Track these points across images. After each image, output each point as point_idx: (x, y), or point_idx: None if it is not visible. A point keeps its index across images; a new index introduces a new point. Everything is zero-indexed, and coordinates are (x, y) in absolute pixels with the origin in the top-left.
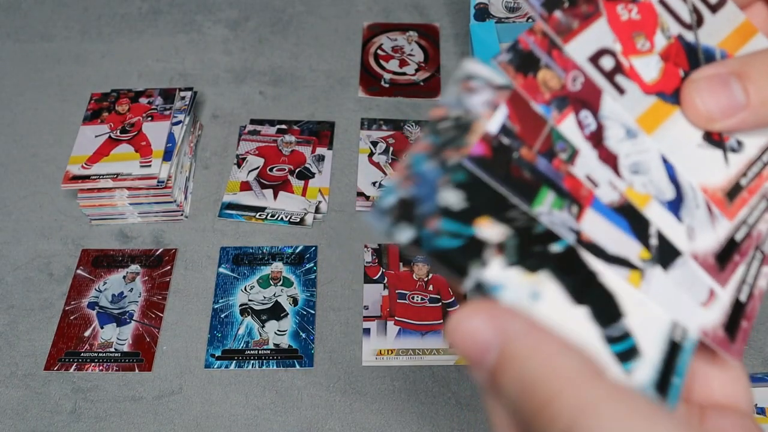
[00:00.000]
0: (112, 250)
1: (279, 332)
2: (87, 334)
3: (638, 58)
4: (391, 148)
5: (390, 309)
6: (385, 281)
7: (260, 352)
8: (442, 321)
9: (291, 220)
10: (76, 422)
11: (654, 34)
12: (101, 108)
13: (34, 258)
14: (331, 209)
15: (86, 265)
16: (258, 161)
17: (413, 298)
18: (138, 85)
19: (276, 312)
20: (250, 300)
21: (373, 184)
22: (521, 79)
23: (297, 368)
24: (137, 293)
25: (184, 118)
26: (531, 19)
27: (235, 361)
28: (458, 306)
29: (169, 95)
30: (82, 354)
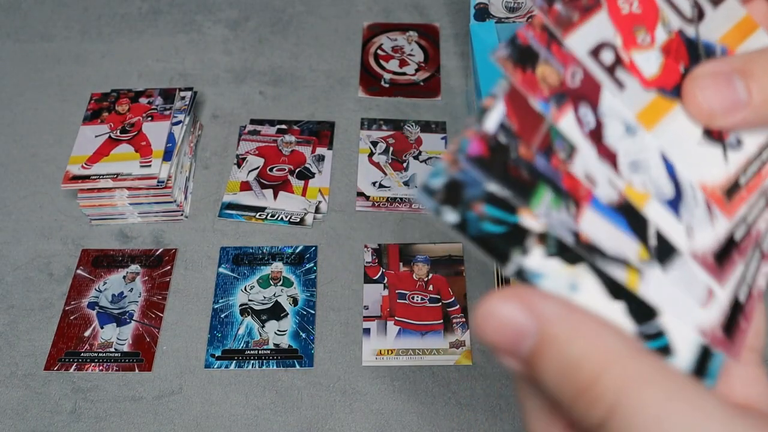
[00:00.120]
0: (112, 250)
1: (279, 332)
2: (87, 334)
3: (639, 53)
4: (391, 148)
5: (390, 309)
6: (385, 281)
7: (260, 352)
8: (442, 321)
9: (291, 220)
10: (76, 422)
11: (655, 28)
12: (101, 108)
13: (34, 258)
14: (331, 209)
15: (86, 265)
16: (258, 161)
17: (413, 298)
18: (138, 85)
19: (276, 312)
20: (250, 300)
21: (373, 184)
22: (520, 74)
23: (297, 368)
24: (137, 293)
25: (184, 118)
26: (531, 18)
27: (235, 361)
28: (485, 297)
29: (169, 95)
30: (82, 354)
